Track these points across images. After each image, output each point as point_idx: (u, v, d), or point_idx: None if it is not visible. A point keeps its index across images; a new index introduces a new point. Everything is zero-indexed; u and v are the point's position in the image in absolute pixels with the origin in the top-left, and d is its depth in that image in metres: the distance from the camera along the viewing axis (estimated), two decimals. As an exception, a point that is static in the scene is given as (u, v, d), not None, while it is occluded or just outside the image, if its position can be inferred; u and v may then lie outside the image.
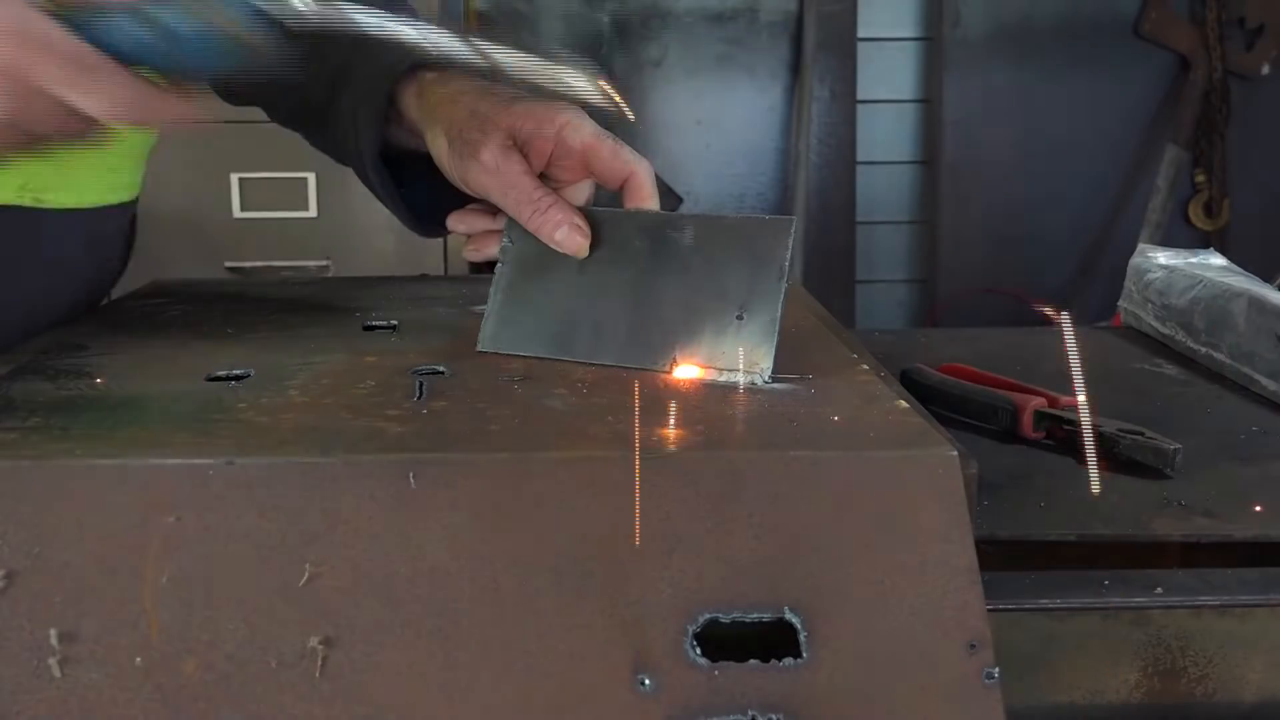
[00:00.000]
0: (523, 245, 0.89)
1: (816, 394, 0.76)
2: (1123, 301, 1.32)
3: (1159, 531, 0.78)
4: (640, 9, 3.17)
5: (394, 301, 1.06)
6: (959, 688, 0.61)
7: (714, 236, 0.82)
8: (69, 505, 0.61)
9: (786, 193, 3.21)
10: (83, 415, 0.71)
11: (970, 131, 3.20)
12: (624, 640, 0.60)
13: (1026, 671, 0.71)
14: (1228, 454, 0.91)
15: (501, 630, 0.60)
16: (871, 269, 3.31)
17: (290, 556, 0.61)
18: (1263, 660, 0.72)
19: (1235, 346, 1.11)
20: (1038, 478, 0.86)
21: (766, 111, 3.21)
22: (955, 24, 3.17)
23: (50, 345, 0.89)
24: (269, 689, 0.59)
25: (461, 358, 0.85)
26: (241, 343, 0.90)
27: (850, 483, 0.64)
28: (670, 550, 0.62)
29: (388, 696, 0.59)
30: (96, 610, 0.59)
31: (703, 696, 0.60)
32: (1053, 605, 0.71)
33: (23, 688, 0.58)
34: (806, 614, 0.61)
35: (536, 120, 0.87)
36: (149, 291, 1.14)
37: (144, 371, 0.82)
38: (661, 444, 0.65)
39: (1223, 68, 3.17)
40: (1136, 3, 3.19)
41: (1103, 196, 3.26)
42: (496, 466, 0.63)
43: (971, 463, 0.66)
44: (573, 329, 0.85)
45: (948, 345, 1.25)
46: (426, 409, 0.72)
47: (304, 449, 0.64)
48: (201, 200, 2.46)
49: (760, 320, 0.79)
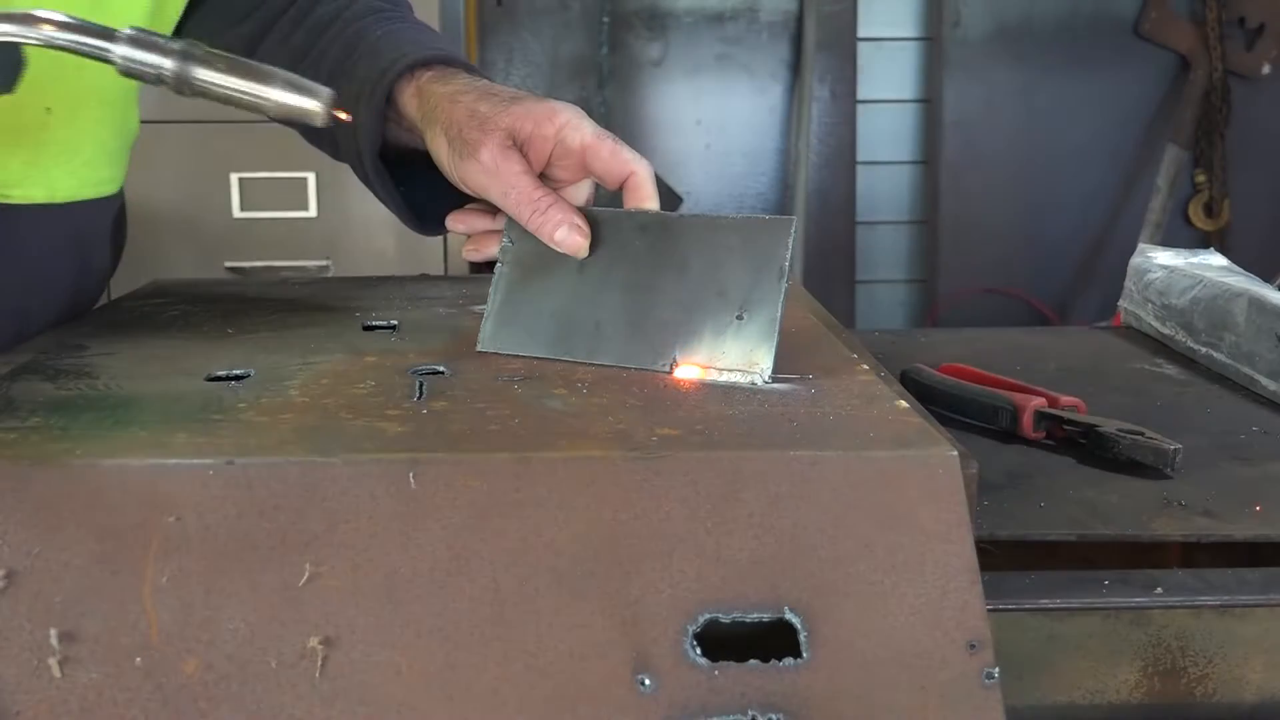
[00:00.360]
0: (523, 245, 0.89)
1: (816, 394, 0.76)
2: (1123, 301, 1.32)
3: (1159, 531, 0.78)
4: (640, 9, 3.17)
5: (394, 301, 1.06)
6: (959, 688, 0.61)
7: (714, 236, 0.82)
8: (69, 505, 0.61)
9: (786, 193, 3.21)
10: (83, 415, 0.71)
11: (970, 131, 3.20)
12: (624, 640, 0.60)
13: (1026, 671, 0.71)
14: (1228, 454, 0.91)
15: (501, 630, 0.60)
16: (871, 269, 3.32)
17: (290, 556, 0.61)
18: (1263, 660, 0.72)
19: (1235, 346, 1.11)
20: (1038, 478, 0.86)
21: (766, 111, 3.21)
22: (955, 24, 3.17)
23: (50, 345, 0.89)
24: (269, 689, 0.59)
25: (461, 358, 0.85)
26: (241, 343, 0.90)
27: (850, 483, 0.64)
28: (670, 550, 0.62)
29: (388, 696, 0.59)
30: (96, 610, 0.59)
31: (703, 696, 0.60)
32: (1053, 605, 0.71)
33: (23, 688, 0.58)
34: (806, 614, 0.61)
35: (536, 120, 0.87)
36: (149, 291, 1.14)
37: (144, 371, 0.82)
38: (662, 444, 0.65)
39: (1223, 68, 3.17)
40: (1136, 3, 3.19)
41: (1103, 196, 3.26)
42: (496, 466, 0.63)
43: (971, 463, 0.66)
44: (572, 329, 0.85)
45: (948, 345, 1.25)
46: (426, 409, 0.72)
47: (304, 449, 0.64)
48: (201, 200, 2.46)
49: (760, 320, 0.79)
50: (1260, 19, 3.20)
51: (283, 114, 0.77)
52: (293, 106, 0.76)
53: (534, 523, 0.62)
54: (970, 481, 0.65)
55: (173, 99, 0.78)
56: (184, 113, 2.37)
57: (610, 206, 0.88)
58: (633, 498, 0.63)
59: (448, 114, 0.89)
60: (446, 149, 0.89)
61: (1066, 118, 3.21)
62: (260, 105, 0.76)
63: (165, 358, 0.85)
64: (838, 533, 0.63)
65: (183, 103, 0.81)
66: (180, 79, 0.75)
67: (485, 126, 0.87)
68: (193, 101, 0.77)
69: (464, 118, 0.88)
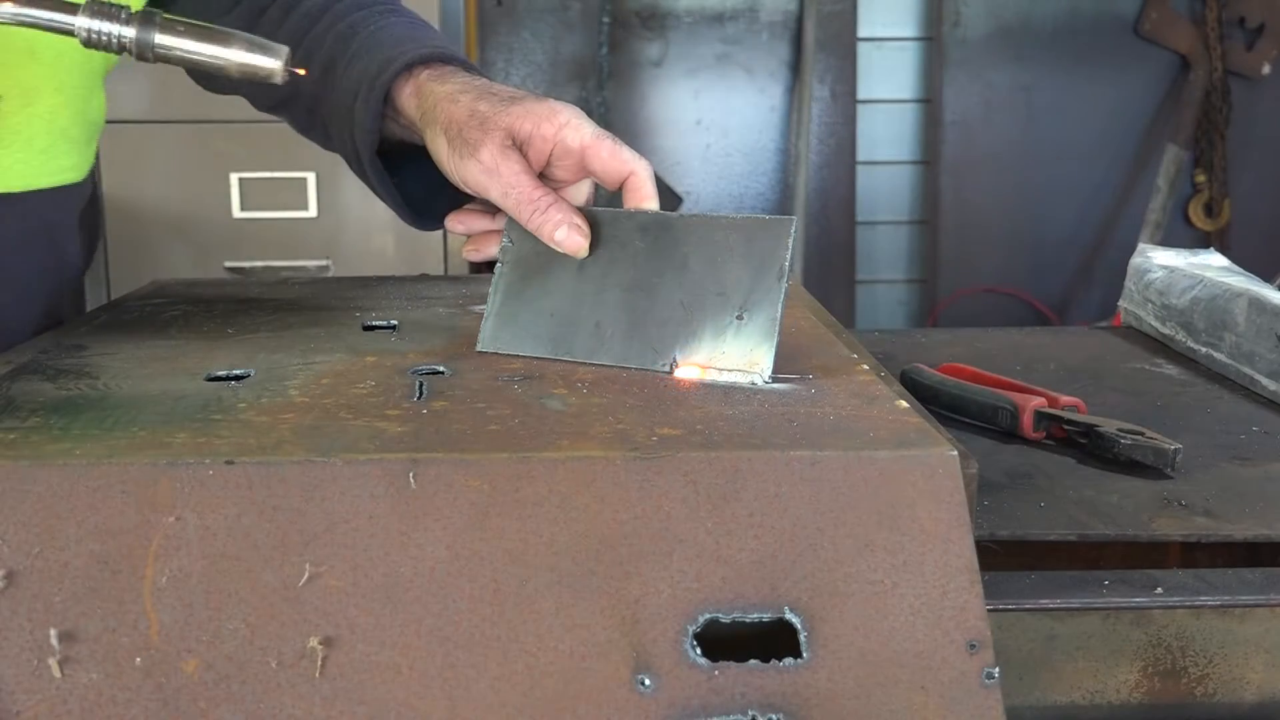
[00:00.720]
0: (522, 245, 0.89)
1: (816, 394, 0.76)
2: (1123, 301, 1.32)
3: (1159, 531, 0.78)
4: (640, 9, 3.17)
5: (394, 301, 1.06)
6: (959, 688, 0.61)
7: (714, 236, 0.82)
8: (69, 505, 0.61)
9: (786, 193, 3.21)
10: (83, 415, 0.71)
11: (970, 131, 3.21)
12: (624, 640, 0.60)
13: (1026, 671, 0.71)
14: (1228, 454, 0.91)
15: (501, 630, 0.60)
16: (871, 269, 3.32)
17: (290, 556, 0.61)
18: (1263, 660, 0.72)
19: (1235, 346, 1.11)
20: (1038, 478, 0.86)
21: (766, 111, 3.21)
22: (955, 24, 3.17)
23: (50, 345, 0.89)
24: (269, 689, 0.59)
25: (461, 358, 0.85)
26: (241, 343, 0.90)
27: (850, 482, 0.64)
28: (670, 550, 0.62)
29: (388, 696, 0.59)
30: (96, 610, 0.59)
31: (703, 696, 0.60)
32: (1053, 605, 0.71)
33: (23, 688, 0.58)
34: (806, 614, 0.61)
35: (535, 120, 0.87)
36: (149, 291, 1.14)
37: (144, 371, 0.82)
38: (662, 444, 0.65)
39: (1223, 68, 3.17)
40: (1136, 3, 3.19)
41: (1103, 196, 3.26)
42: (496, 466, 0.63)
43: (971, 463, 0.66)
44: (572, 329, 0.85)
45: (948, 345, 1.25)
46: (426, 409, 0.72)
47: (304, 449, 0.64)
48: (201, 200, 2.46)
49: (760, 320, 0.79)
50: (1260, 19, 3.20)
51: (244, 74, 0.79)
52: (253, 66, 0.78)
53: (534, 523, 0.62)
54: (970, 481, 0.65)
55: (172, 99, 0.78)
56: (184, 112, 2.38)
57: (610, 207, 0.88)
58: (633, 498, 0.63)
59: (447, 114, 0.89)
60: (446, 148, 0.89)
61: (1066, 118, 3.21)
62: (221, 66, 0.78)
63: (165, 358, 0.85)
64: (838, 533, 0.63)
65: (183, 103, 0.82)
66: (142, 45, 0.77)
67: (485, 126, 0.87)
68: (193, 102, 0.78)
69: (464, 117, 0.88)
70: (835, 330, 0.96)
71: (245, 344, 0.89)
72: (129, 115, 2.32)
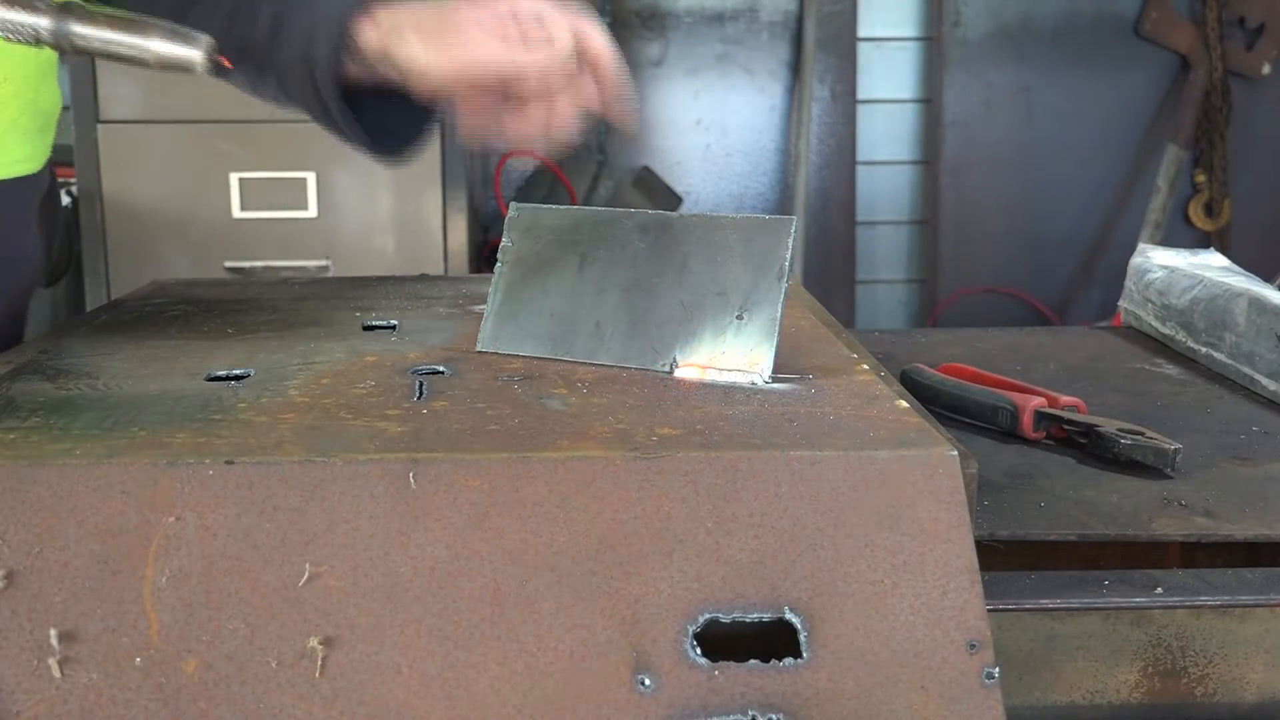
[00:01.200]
0: (523, 245, 0.89)
1: (816, 394, 0.76)
2: (1123, 301, 1.32)
3: (1159, 531, 0.78)
4: (640, 9, 3.17)
5: (394, 301, 1.06)
6: (959, 688, 0.61)
7: (714, 236, 0.82)
8: (69, 505, 0.61)
9: (786, 192, 3.21)
10: (83, 415, 0.71)
11: (970, 131, 3.20)
12: (624, 640, 0.60)
13: (1026, 671, 0.71)
14: (1228, 454, 0.91)
15: (501, 630, 0.60)
16: (871, 269, 3.32)
17: (290, 556, 0.61)
18: (1263, 660, 0.72)
19: (1235, 346, 1.11)
20: (1038, 478, 0.86)
21: (766, 111, 3.21)
22: (955, 24, 3.17)
23: (50, 345, 0.89)
24: (269, 689, 0.59)
25: (461, 358, 0.85)
26: (241, 343, 0.90)
27: (850, 482, 0.64)
28: (670, 550, 0.62)
29: (388, 696, 0.59)
30: (96, 610, 0.59)
31: (703, 696, 0.60)
32: (1053, 605, 0.71)
33: (23, 688, 0.58)
34: (806, 614, 0.61)
35: None
36: (149, 291, 1.14)
37: (144, 371, 0.82)
38: (662, 444, 0.65)
39: (1223, 68, 3.17)
40: (1136, 3, 3.19)
41: (1103, 196, 3.26)
42: (496, 466, 0.63)
43: (971, 463, 0.66)
44: (572, 329, 0.85)
45: (948, 345, 1.25)
46: (426, 409, 0.72)
47: (304, 449, 0.64)
48: (201, 200, 2.46)
49: (760, 320, 0.79)
50: (1260, 19, 3.20)
51: (164, 64, 0.78)
52: (172, 56, 0.77)
53: (534, 523, 0.62)
54: (970, 481, 0.65)
55: (172, 99, 0.78)
56: (183, 112, 2.38)
57: (609, 206, 0.88)
58: (633, 498, 0.63)
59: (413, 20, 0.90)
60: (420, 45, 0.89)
61: (1066, 118, 3.21)
62: (141, 58, 0.77)
63: (165, 358, 0.85)
64: (838, 533, 0.63)
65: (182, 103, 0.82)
66: (59, 36, 0.76)
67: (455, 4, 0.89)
68: (193, 102, 0.78)
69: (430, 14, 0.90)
70: (835, 330, 0.96)
71: (245, 344, 0.89)
72: (129, 115, 2.32)
